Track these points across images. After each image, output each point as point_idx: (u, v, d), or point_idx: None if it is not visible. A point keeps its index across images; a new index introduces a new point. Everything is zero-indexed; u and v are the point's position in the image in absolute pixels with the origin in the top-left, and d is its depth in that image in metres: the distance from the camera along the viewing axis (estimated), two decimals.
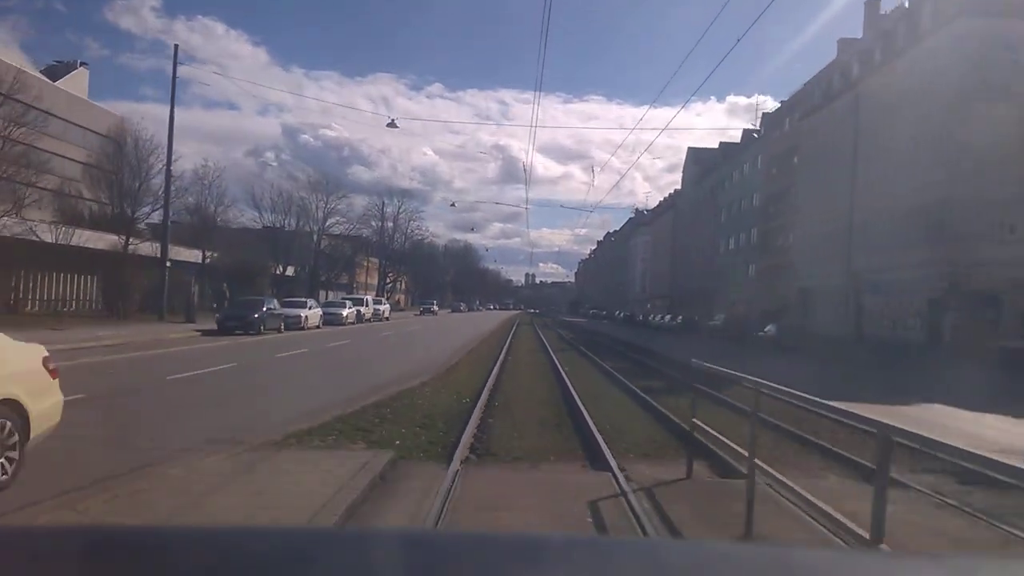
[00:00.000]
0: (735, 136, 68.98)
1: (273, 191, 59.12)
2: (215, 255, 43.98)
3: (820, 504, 4.16)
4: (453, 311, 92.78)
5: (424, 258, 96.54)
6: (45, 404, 5.78)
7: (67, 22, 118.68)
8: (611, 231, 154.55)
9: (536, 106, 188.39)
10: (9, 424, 5.35)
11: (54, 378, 6.06)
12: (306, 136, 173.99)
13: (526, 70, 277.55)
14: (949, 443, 3.16)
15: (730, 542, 3.96)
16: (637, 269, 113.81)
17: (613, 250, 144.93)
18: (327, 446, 7.25)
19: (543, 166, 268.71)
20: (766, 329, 38.47)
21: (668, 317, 62.69)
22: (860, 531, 3.51)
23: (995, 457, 2.95)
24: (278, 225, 58.87)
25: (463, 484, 6.10)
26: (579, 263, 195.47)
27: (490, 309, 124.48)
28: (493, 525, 5.09)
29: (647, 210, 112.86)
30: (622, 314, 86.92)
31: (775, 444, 8.04)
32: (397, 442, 7.64)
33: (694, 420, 6.70)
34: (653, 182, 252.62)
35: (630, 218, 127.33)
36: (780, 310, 44.77)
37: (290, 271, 58.72)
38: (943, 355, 28.37)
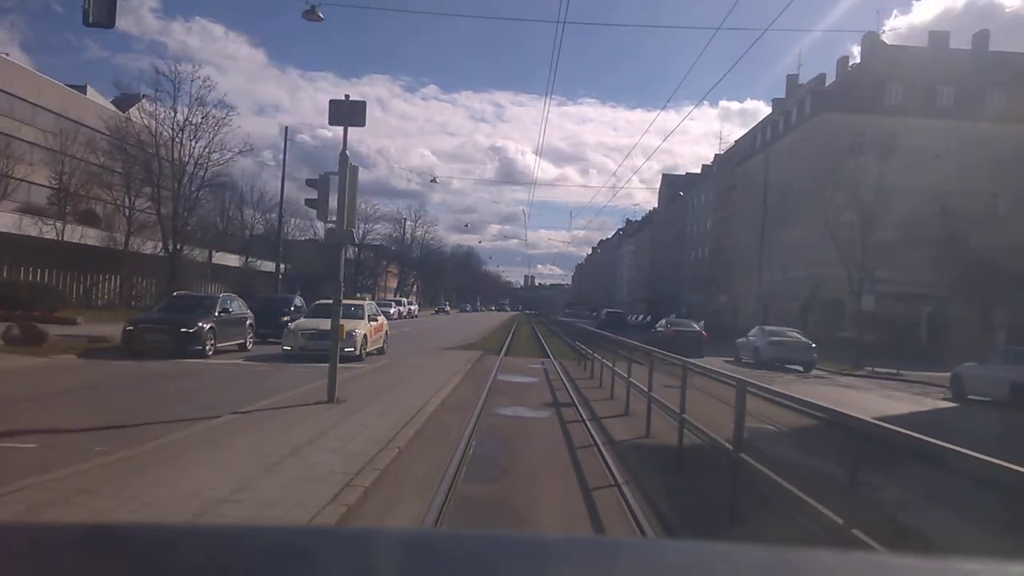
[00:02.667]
0: (729, 140, 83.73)
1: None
2: (290, 266, 58.71)
3: (610, 365, 18.45)
4: (461, 311, 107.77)
5: (433, 263, 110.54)
6: (388, 330, 20.48)
7: (66, 22, 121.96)
8: (604, 238, 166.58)
9: (545, 111, 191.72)
10: (385, 335, 20.05)
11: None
12: (303, 136, 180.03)
13: (522, 72, 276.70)
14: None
15: (730, 542, 3.70)
16: (624, 275, 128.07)
17: (605, 256, 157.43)
18: (460, 350, 21.96)
19: (539, 168, 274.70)
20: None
21: (641, 317, 77.14)
22: (623, 374, 17.73)
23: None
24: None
25: (504, 359, 20.68)
26: (576, 266, 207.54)
27: (491, 310, 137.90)
28: (514, 364, 19.51)
29: (634, 219, 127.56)
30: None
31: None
32: (481, 352, 22.16)
33: (577, 343, 21.32)
34: (649, 184, 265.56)
35: (620, 229, 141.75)
36: (713, 312, 59.40)
37: None
38: None
